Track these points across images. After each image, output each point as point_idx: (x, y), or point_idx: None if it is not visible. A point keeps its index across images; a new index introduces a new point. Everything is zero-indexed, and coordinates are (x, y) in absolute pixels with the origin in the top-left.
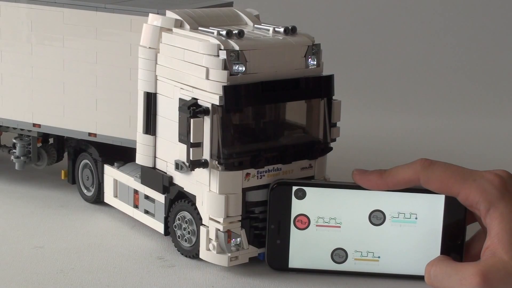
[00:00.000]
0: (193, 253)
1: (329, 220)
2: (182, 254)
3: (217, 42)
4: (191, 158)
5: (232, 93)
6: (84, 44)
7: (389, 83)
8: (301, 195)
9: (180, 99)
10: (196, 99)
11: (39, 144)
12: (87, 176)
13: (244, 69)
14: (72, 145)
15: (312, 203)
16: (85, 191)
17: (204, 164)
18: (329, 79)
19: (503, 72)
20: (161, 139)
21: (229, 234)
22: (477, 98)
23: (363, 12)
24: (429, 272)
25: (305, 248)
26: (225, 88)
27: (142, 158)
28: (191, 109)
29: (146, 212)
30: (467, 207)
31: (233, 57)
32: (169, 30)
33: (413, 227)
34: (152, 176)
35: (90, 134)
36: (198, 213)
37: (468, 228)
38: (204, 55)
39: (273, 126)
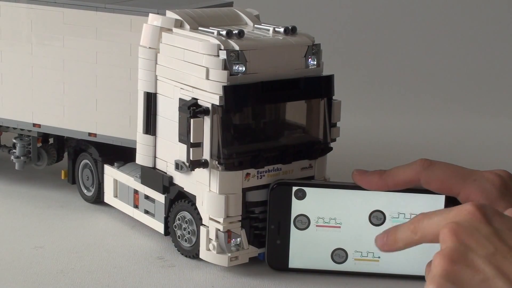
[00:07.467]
0: (193, 253)
1: (329, 221)
2: (182, 254)
3: (217, 42)
4: (191, 158)
5: (232, 93)
6: (84, 44)
7: (389, 83)
8: (301, 195)
9: (180, 99)
10: (196, 99)
11: (39, 144)
12: (87, 176)
13: (244, 69)
14: (72, 145)
15: (312, 203)
16: (85, 191)
17: (204, 164)
18: (329, 79)
19: (503, 72)
20: (161, 139)
21: (229, 234)
22: (477, 98)
23: (363, 12)
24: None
25: (305, 248)
26: (225, 88)
27: (142, 158)
28: (191, 109)
29: (146, 212)
30: None
31: (233, 57)
32: (169, 30)
33: None
34: (152, 176)
35: (90, 134)
36: (198, 213)
37: None
38: (204, 55)
39: (273, 126)
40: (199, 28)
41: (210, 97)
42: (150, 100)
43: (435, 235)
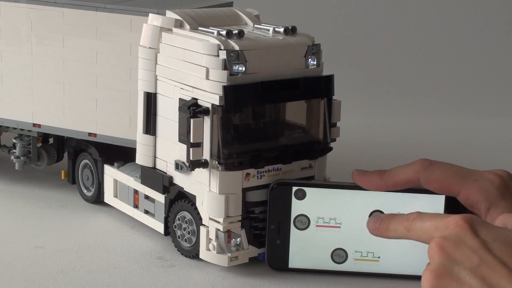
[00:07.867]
0: (193, 253)
1: (329, 220)
2: (182, 254)
3: (217, 42)
4: (191, 158)
5: (232, 93)
6: (84, 44)
7: (389, 83)
8: (301, 196)
9: (180, 99)
10: (196, 99)
11: (39, 144)
12: (87, 176)
13: (244, 69)
14: (72, 145)
15: (312, 203)
16: (85, 191)
17: (204, 164)
18: (329, 79)
19: (503, 72)
20: (161, 139)
21: (229, 234)
22: (477, 98)
23: (363, 12)
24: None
25: (305, 248)
26: (225, 88)
27: (142, 158)
28: (191, 109)
29: (146, 212)
30: (467, 207)
31: (233, 57)
32: (169, 30)
33: None
34: (152, 176)
35: (90, 134)
36: (198, 213)
37: None
38: (204, 55)
39: (273, 126)
40: (199, 28)
41: (210, 97)
42: (150, 100)
43: (425, 238)
